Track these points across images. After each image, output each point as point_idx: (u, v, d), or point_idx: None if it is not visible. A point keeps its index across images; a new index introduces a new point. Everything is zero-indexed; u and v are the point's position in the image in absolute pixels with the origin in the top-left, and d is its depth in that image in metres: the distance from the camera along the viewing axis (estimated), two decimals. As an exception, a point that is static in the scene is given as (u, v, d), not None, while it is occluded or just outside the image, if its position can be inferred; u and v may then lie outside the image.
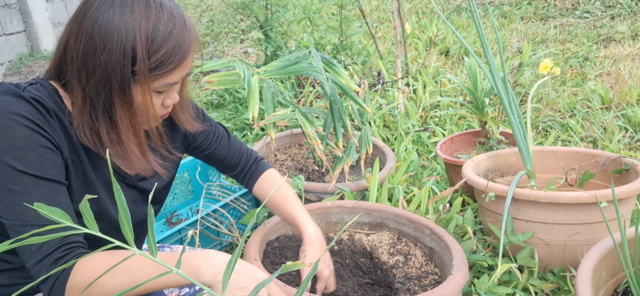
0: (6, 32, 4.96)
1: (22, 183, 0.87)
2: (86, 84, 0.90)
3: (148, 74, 0.90)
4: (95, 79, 0.90)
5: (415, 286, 1.28)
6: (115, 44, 0.88)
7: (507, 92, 1.69)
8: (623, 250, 1.11)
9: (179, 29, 0.92)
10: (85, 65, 0.90)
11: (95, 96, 0.91)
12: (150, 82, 0.91)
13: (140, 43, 0.88)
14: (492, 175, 1.87)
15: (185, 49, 0.93)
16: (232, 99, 3.52)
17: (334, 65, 1.78)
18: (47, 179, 0.89)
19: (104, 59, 0.88)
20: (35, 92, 0.92)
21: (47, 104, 0.91)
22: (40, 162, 0.88)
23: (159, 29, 0.89)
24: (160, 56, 0.90)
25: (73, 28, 0.91)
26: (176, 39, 0.91)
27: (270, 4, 3.51)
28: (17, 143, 0.86)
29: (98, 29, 0.88)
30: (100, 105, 0.92)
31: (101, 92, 0.91)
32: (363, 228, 1.56)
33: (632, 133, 2.55)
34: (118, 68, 0.89)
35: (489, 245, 1.70)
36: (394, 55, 3.89)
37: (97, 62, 0.88)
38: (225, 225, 1.88)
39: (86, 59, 0.89)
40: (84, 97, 0.92)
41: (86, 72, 0.90)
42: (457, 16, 5.28)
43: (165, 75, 0.92)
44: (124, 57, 0.88)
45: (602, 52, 3.89)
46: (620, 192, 1.45)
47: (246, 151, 1.40)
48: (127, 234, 0.59)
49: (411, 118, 2.90)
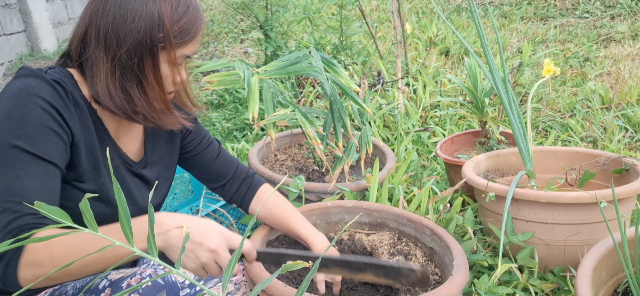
0: (6, 32, 4.96)
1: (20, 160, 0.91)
2: (117, 50, 0.99)
3: (172, 40, 1.01)
4: (127, 45, 0.99)
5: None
6: (145, 11, 0.99)
7: (507, 92, 1.69)
8: (623, 250, 1.11)
9: (194, 5, 1.06)
10: (117, 33, 0.99)
11: (127, 60, 1.00)
12: (169, 51, 1.02)
13: (166, 10, 1.00)
14: (492, 175, 1.87)
15: (199, 22, 1.06)
16: (232, 99, 3.52)
17: (334, 65, 1.78)
18: (45, 160, 0.93)
19: (135, 26, 0.99)
20: (56, 74, 0.99)
21: (66, 86, 0.98)
22: (45, 144, 0.93)
23: (180, 3, 1.03)
24: (182, 24, 1.02)
25: (98, 3, 1.01)
26: (194, 12, 1.05)
27: (270, 4, 3.51)
28: (29, 122, 0.92)
29: (128, 1, 0.99)
30: (133, 69, 1.01)
31: (133, 56, 1.00)
32: (363, 228, 1.55)
33: (632, 133, 2.55)
34: (148, 34, 0.99)
35: (489, 245, 1.70)
36: (394, 55, 3.89)
37: (128, 30, 0.99)
38: (225, 225, 1.88)
39: (117, 28, 0.99)
40: (113, 63, 1.00)
41: (117, 39, 0.99)
42: (457, 16, 5.28)
43: (185, 44, 1.04)
44: (153, 23, 0.99)
45: (602, 52, 3.89)
46: (620, 192, 1.45)
47: (237, 164, 1.40)
48: (127, 233, 0.59)
49: (411, 118, 2.90)
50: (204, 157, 1.34)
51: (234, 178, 1.38)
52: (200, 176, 1.38)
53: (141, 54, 1.00)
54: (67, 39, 5.89)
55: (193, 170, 1.37)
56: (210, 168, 1.36)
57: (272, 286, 1.11)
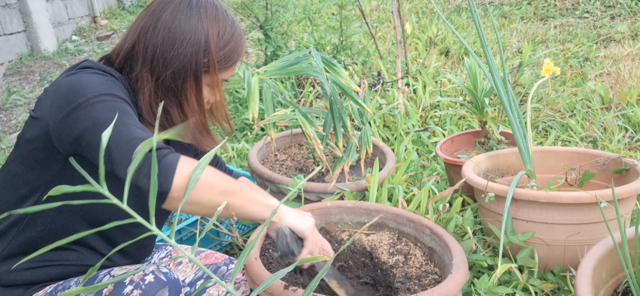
0: (6, 32, 4.96)
1: (119, 106, 0.96)
2: (162, 71, 1.05)
3: (216, 66, 1.08)
4: (173, 68, 1.05)
5: (415, 285, 1.27)
6: (192, 38, 1.05)
7: (507, 92, 1.69)
8: (623, 250, 1.11)
9: (238, 32, 1.13)
10: (164, 55, 1.05)
11: (172, 82, 1.06)
12: (217, 73, 1.09)
13: (213, 38, 1.07)
14: (492, 175, 1.87)
15: (242, 49, 1.14)
16: (232, 99, 3.51)
17: (334, 65, 1.78)
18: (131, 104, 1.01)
19: (183, 51, 1.05)
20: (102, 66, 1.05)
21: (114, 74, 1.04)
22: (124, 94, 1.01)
23: (226, 30, 1.10)
24: (227, 50, 1.09)
25: (148, 22, 1.07)
26: (238, 40, 1.12)
27: (270, 4, 3.51)
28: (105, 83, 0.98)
29: (178, 24, 1.05)
30: (176, 91, 1.07)
31: (177, 79, 1.06)
32: (363, 228, 1.55)
33: (632, 133, 2.55)
34: (194, 59, 1.05)
35: (489, 245, 1.70)
36: (394, 55, 3.89)
37: (175, 54, 1.05)
38: (225, 225, 1.88)
39: (165, 50, 1.05)
40: (157, 84, 1.06)
41: (164, 61, 1.05)
42: (457, 16, 5.28)
43: (227, 68, 1.11)
44: (199, 49, 1.06)
45: (602, 52, 3.89)
46: (620, 192, 1.45)
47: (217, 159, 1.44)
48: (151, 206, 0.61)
49: (411, 118, 2.90)
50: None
51: None
52: None
53: (185, 76, 1.06)
54: (67, 39, 5.88)
55: None
56: None
57: (272, 285, 1.12)
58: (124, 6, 7.22)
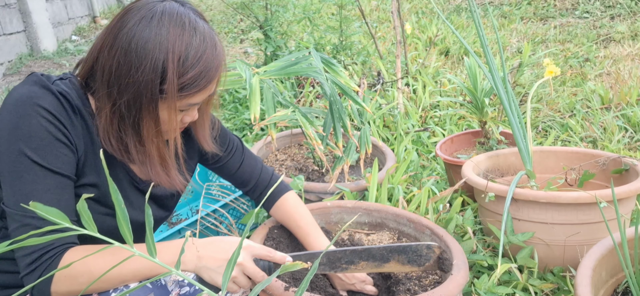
0: (6, 32, 4.95)
1: (33, 173, 0.89)
2: (117, 98, 0.94)
3: (175, 93, 0.93)
4: (128, 96, 0.93)
5: (416, 286, 1.28)
6: (149, 64, 0.91)
7: (507, 92, 1.69)
8: (623, 250, 1.11)
9: (209, 53, 0.95)
10: (119, 81, 0.92)
11: (126, 111, 0.94)
12: (176, 101, 0.95)
13: (172, 64, 0.91)
14: (492, 175, 1.87)
15: (212, 74, 0.96)
16: (232, 99, 3.52)
17: (333, 65, 1.78)
18: (57, 173, 0.92)
19: (138, 78, 0.91)
20: (64, 87, 0.95)
21: (72, 101, 0.95)
22: (55, 156, 0.91)
23: (190, 53, 0.93)
24: (188, 78, 0.93)
25: (107, 39, 0.94)
26: (205, 63, 0.94)
27: (270, 4, 3.51)
28: (36, 134, 0.89)
29: (134, 46, 0.91)
30: (130, 120, 0.96)
31: (132, 108, 0.94)
32: (363, 228, 1.56)
33: (631, 133, 2.56)
34: (149, 87, 0.92)
35: (488, 245, 1.70)
36: (393, 55, 3.89)
37: (130, 80, 0.92)
38: (225, 225, 1.88)
39: (120, 76, 0.92)
40: (113, 110, 0.95)
41: (118, 87, 0.93)
42: (457, 16, 5.28)
43: (190, 96, 0.95)
44: (155, 76, 0.91)
45: (602, 52, 3.89)
46: (620, 192, 1.45)
47: (260, 168, 1.39)
48: (125, 233, 0.60)
49: (411, 118, 2.90)
50: (227, 167, 1.34)
51: (257, 185, 1.38)
52: (225, 179, 1.39)
53: (140, 106, 0.94)
54: (67, 39, 5.88)
55: (217, 173, 1.38)
56: (233, 176, 1.36)
57: (272, 286, 1.12)
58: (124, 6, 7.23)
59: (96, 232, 0.58)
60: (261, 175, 1.38)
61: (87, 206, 0.96)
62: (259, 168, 1.38)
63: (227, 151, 1.32)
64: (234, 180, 1.37)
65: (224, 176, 1.37)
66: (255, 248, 1.00)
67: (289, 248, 1.43)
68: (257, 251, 1.00)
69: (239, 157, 1.35)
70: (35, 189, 0.89)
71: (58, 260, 0.89)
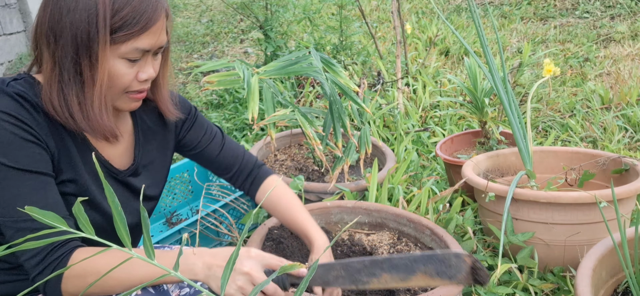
0: (6, 32, 4.95)
1: (11, 178, 0.88)
2: (55, 47, 0.91)
3: (112, 35, 0.90)
4: (63, 40, 0.90)
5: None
6: (80, 4, 0.89)
7: (507, 92, 1.69)
8: (623, 250, 1.11)
9: None
10: (53, 29, 0.90)
11: (63, 58, 0.91)
12: (117, 45, 0.91)
13: (102, 1, 0.89)
14: (492, 175, 1.87)
15: (150, 12, 0.92)
16: (232, 99, 3.52)
17: (333, 65, 1.78)
18: (35, 172, 0.90)
19: (70, 19, 0.89)
20: (19, 87, 0.92)
21: (30, 99, 0.92)
22: (28, 157, 0.89)
23: None
24: (123, 15, 0.90)
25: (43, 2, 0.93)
26: (140, 1, 0.92)
27: (270, 4, 3.51)
28: (3, 140, 0.87)
29: None
30: (68, 67, 0.92)
31: (69, 53, 0.91)
32: (363, 228, 1.55)
33: (632, 133, 2.55)
34: (83, 26, 0.89)
35: (489, 245, 1.69)
36: (394, 55, 3.89)
37: (64, 24, 0.89)
38: (225, 225, 1.88)
39: (53, 23, 0.90)
40: (53, 62, 0.92)
41: (54, 35, 0.90)
42: (457, 16, 5.28)
43: (132, 37, 0.92)
44: (89, 15, 0.89)
45: (602, 52, 3.89)
46: (620, 192, 1.45)
47: (242, 154, 1.35)
48: (123, 236, 0.59)
49: (411, 118, 2.90)
50: (206, 153, 1.31)
51: (240, 170, 1.34)
52: (206, 167, 1.36)
53: (75, 49, 0.91)
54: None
55: (198, 162, 1.34)
56: (214, 162, 1.32)
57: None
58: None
59: (93, 235, 0.58)
60: (244, 160, 1.35)
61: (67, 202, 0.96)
62: (242, 153, 1.35)
63: (203, 137, 1.29)
64: (216, 166, 1.33)
65: (205, 163, 1.33)
66: (266, 257, 0.98)
67: (289, 248, 1.43)
68: (268, 260, 0.98)
69: (219, 142, 1.32)
70: (19, 193, 0.88)
71: (67, 258, 0.89)
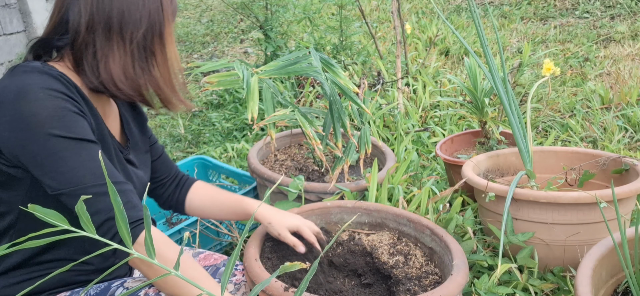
0: (6, 32, 4.95)
1: (71, 148, 0.92)
2: (133, 36, 1.00)
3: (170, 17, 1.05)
4: (144, 28, 1.01)
5: (416, 286, 1.27)
6: None
7: (507, 92, 1.69)
8: (623, 250, 1.11)
9: None
10: (132, 18, 0.99)
11: (142, 46, 1.02)
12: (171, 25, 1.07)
13: None
14: (492, 175, 1.87)
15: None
16: (232, 99, 3.52)
17: (332, 65, 1.78)
18: (90, 141, 0.95)
19: (148, 8, 1.00)
20: (54, 70, 0.97)
21: (69, 79, 0.98)
22: (82, 128, 0.95)
23: None
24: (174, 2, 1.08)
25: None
26: None
27: (270, 4, 3.51)
28: (56, 114, 0.92)
29: None
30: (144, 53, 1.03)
31: (148, 38, 1.02)
32: (363, 228, 1.55)
33: (632, 133, 2.55)
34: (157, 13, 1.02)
35: (489, 245, 1.69)
36: (394, 55, 3.89)
37: (144, 12, 1.00)
38: (225, 225, 1.88)
39: (131, 12, 0.99)
40: (124, 51, 1.00)
41: (133, 24, 0.99)
42: (457, 16, 5.28)
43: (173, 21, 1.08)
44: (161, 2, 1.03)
45: (602, 52, 3.89)
46: (620, 192, 1.45)
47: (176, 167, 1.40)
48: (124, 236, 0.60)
49: (411, 118, 2.90)
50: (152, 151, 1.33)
51: (172, 178, 1.38)
52: None
53: (152, 36, 1.02)
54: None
55: None
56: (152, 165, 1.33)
57: (271, 287, 1.11)
58: None
59: (95, 234, 0.58)
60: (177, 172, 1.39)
61: None
62: (175, 167, 1.40)
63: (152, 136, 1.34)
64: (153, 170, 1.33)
65: None
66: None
67: (289, 247, 1.42)
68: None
69: (160, 147, 1.36)
70: (81, 160, 0.92)
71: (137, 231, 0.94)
